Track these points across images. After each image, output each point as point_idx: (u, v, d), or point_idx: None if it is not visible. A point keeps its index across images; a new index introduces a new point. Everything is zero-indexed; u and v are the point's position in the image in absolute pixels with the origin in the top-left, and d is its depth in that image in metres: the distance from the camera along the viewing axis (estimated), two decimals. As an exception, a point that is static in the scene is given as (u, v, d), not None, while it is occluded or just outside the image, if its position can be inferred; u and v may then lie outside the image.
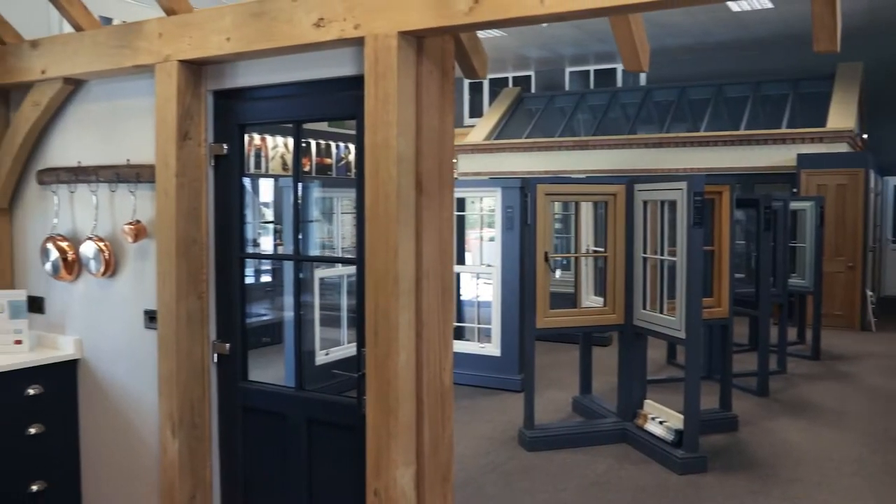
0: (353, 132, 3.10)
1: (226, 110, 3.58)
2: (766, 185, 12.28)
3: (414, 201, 2.96)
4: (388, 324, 2.91)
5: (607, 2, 2.43)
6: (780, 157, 12.25)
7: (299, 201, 3.49)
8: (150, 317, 3.75)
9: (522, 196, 7.24)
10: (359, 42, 2.95)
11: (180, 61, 3.44)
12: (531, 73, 18.10)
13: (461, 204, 9.35)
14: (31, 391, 3.96)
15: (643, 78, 16.08)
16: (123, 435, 3.96)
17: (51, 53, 3.88)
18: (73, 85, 3.97)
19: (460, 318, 9.29)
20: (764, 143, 12.50)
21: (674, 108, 14.49)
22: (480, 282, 8.50)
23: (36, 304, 4.27)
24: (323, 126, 13.56)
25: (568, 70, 17.74)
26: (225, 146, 3.59)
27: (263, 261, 7.80)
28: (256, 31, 3.18)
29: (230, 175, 3.60)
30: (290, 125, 3.46)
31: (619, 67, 17.08)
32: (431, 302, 3.04)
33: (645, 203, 5.73)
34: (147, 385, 3.76)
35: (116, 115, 3.88)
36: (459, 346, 7.93)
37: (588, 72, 17.55)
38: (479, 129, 15.82)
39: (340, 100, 3.18)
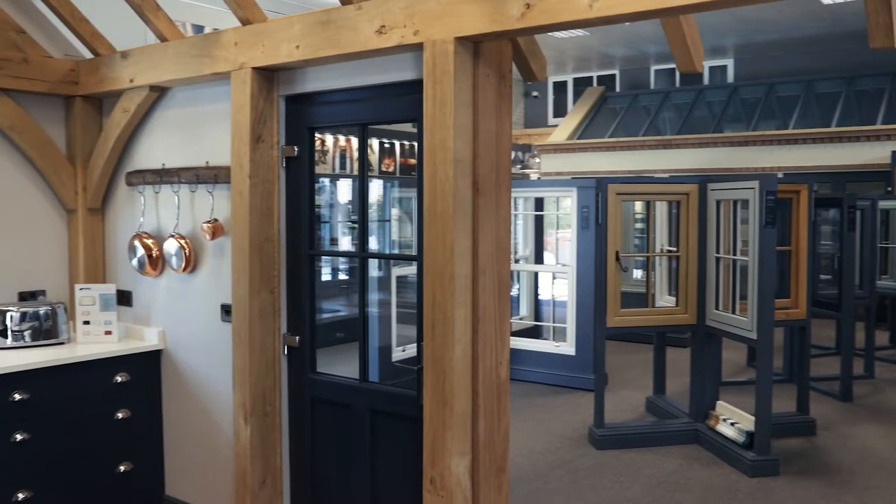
0: None
1: (296, 114, 3.76)
2: (859, 184, 11.90)
3: (470, 201, 3.06)
4: (445, 319, 3.02)
5: (655, 4, 2.48)
6: (874, 154, 11.84)
7: (366, 201, 3.62)
8: (227, 310, 3.96)
9: (596, 196, 7.25)
10: (418, 48, 3.06)
11: (254, 68, 3.62)
12: (616, 71, 17.95)
13: (539, 204, 9.40)
14: (119, 378, 4.23)
15: (730, 75, 15.77)
16: (202, 421, 4.19)
17: (138, 63, 4.14)
18: (159, 92, 4.22)
19: (538, 318, 9.34)
20: (857, 140, 12.10)
21: (761, 105, 14.16)
22: (557, 281, 8.54)
23: (124, 298, 4.55)
24: (407, 127, 13.81)
25: (653, 68, 17.51)
26: (296, 148, 3.76)
27: (341, 259, 8.01)
28: (323, 38, 3.33)
29: (300, 176, 3.78)
30: (358, 126, 3.61)
31: (707, 64, 16.78)
32: (488, 298, 3.14)
33: (718, 203, 5.68)
34: (223, 375, 3.98)
35: (197, 119, 4.11)
36: (535, 345, 8.00)
37: (674, 70, 17.28)
38: (562, 129, 15.78)
39: (402, 103, 3.30)
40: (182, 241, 4.18)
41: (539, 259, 9.58)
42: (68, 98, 4.54)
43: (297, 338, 3.82)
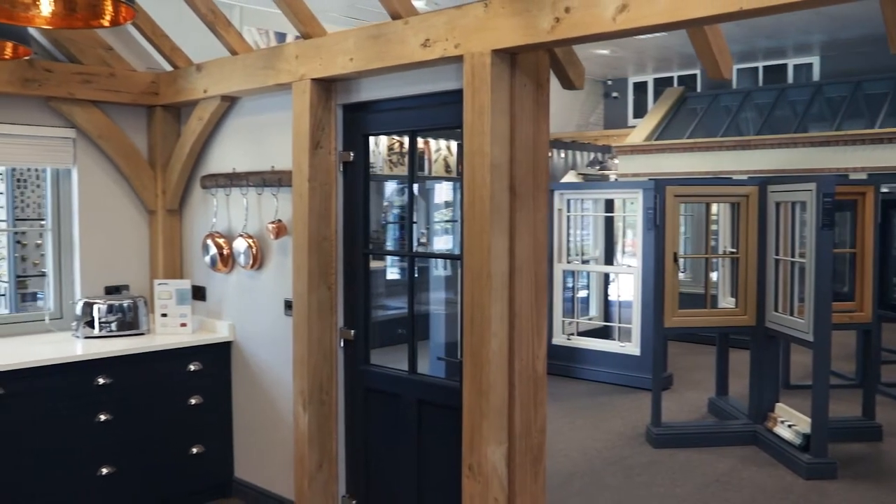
0: None
1: (352, 121, 4.01)
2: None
3: (508, 204, 3.24)
4: (482, 314, 3.21)
5: (673, 17, 2.61)
6: (967, 154, 11.45)
7: (415, 203, 3.85)
8: (289, 305, 4.23)
9: (654, 198, 7.31)
10: (459, 59, 3.26)
11: (313, 79, 3.89)
12: (697, 71, 17.75)
13: (609, 205, 9.46)
14: (192, 367, 4.56)
15: (815, 72, 15.42)
16: (266, 409, 4.49)
17: (211, 75, 4.46)
18: (229, 102, 4.54)
19: (607, 318, 9.41)
20: (951, 139, 11.71)
21: (847, 103, 13.81)
22: (622, 282, 8.61)
23: (199, 293, 4.89)
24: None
25: (735, 67, 17.24)
26: (352, 153, 4.01)
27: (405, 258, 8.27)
28: (374, 51, 3.56)
29: (356, 179, 4.03)
30: (408, 133, 3.83)
31: (791, 62, 16.45)
32: (524, 296, 3.31)
33: (777, 205, 5.70)
34: (285, 365, 4.25)
35: (263, 127, 4.41)
36: (601, 345, 8.08)
37: (756, 68, 16.99)
38: (640, 130, 15.71)
39: (447, 111, 3.50)
40: (250, 241, 4.49)
41: (609, 260, 9.64)
42: (150, 108, 4.91)
43: (353, 331, 4.07)
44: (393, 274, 8.31)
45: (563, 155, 15.83)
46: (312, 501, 4.05)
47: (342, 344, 4.11)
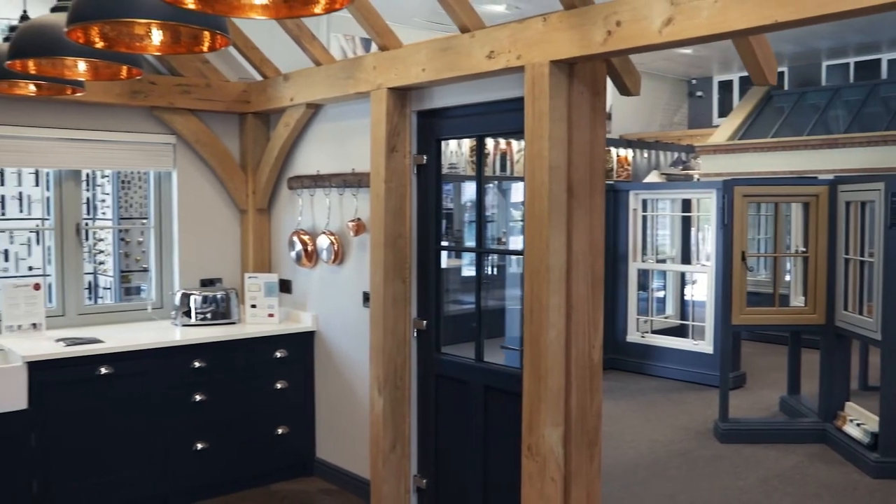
0: None
1: (426, 127, 4.31)
2: None
3: (565, 203, 3.48)
4: (540, 305, 3.46)
5: (713, 30, 2.81)
6: None
7: (492, 202, 4.12)
8: (367, 297, 4.56)
9: (722, 198, 7.38)
10: (521, 69, 3.52)
11: (389, 88, 4.21)
12: (784, 69, 17.46)
13: (687, 205, 9.53)
14: (278, 354, 4.94)
15: (914, 67, 15.00)
16: (345, 394, 4.84)
17: (297, 84, 4.84)
18: (314, 109, 4.91)
19: (683, 316, 9.48)
20: None
21: (945, 99, 13.42)
22: (696, 280, 8.69)
23: (285, 286, 5.28)
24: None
25: (825, 64, 16.90)
26: (425, 157, 4.32)
27: (486, 256, 8.54)
28: (444, 62, 3.86)
29: (429, 180, 4.33)
30: (476, 138, 4.11)
31: (885, 57, 16.04)
32: (581, 289, 3.55)
33: (847, 204, 5.75)
34: (363, 353, 4.59)
35: (344, 132, 4.76)
36: (674, 343, 8.19)
37: (847, 64, 16.62)
38: (723, 130, 15.57)
39: (511, 117, 3.77)
40: (332, 237, 4.84)
41: (686, 259, 9.71)
42: (242, 115, 5.33)
43: (425, 322, 4.38)
44: (470, 271, 8.60)
45: (645, 155, 15.84)
46: (386, 480, 4.37)
47: (415, 333, 4.41)
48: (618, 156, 13.01)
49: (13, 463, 4.07)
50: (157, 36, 2.26)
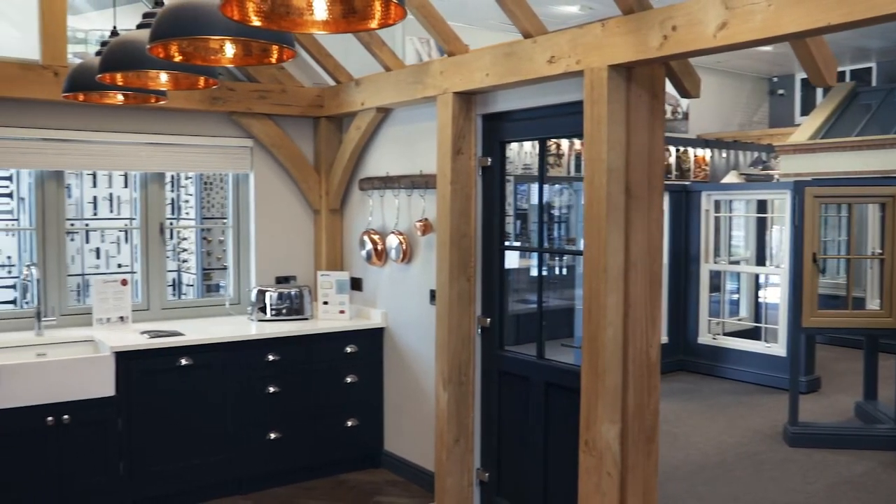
0: (675, 135, 3.73)
1: (490, 130, 4.43)
2: None
3: (623, 204, 3.55)
4: (598, 304, 3.55)
5: (767, 33, 2.85)
6: None
7: (544, 202, 4.21)
8: (433, 295, 4.71)
9: (793, 198, 7.28)
10: (580, 74, 3.61)
11: (454, 93, 4.34)
12: (872, 64, 16.93)
13: (762, 206, 9.39)
14: (348, 349, 5.13)
15: None
16: (412, 388, 4.99)
17: (368, 89, 5.02)
18: (384, 113, 5.08)
19: (757, 319, 9.35)
20: None
21: None
22: (770, 282, 8.57)
23: (356, 284, 5.47)
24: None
25: (917, 59, 16.33)
26: (489, 159, 4.44)
27: (558, 257, 8.59)
28: (507, 67, 3.97)
29: (493, 182, 4.44)
30: (538, 140, 4.21)
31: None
32: (639, 288, 3.62)
33: (924, 205, 5.63)
34: (429, 349, 4.73)
35: (412, 135, 4.92)
36: (746, 346, 8.10)
37: (942, 59, 16.01)
38: (805, 128, 15.19)
39: (571, 120, 3.85)
40: (400, 237, 5.00)
41: (761, 261, 9.57)
42: (316, 119, 5.55)
43: (489, 319, 4.49)
44: (536, 271, 8.67)
45: (724, 155, 15.62)
46: (450, 472, 4.50)
47: (479, 330, 4.54)
48: (695, 156, 12.87)
49: (102, 445, 4.35)
50: (229, 50, 2.44)
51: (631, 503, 3.65)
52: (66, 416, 4.22)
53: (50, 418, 4.19)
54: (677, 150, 11.23)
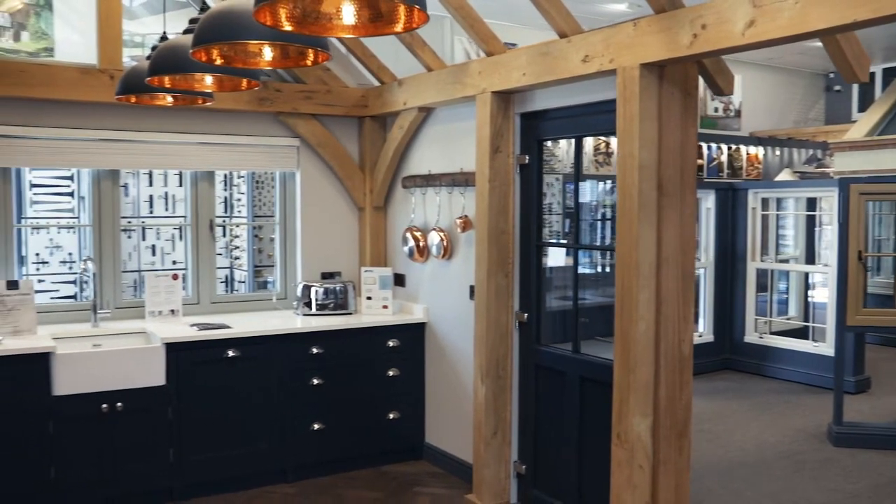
0: (727, 133, 3.79)
1: (528, 128, 4.51)
2: None
3: (655, 201, 3.60)
4: (630, 299, 3.60)
5: (794, 30, 2.88)
6: None
7: (580, 199, 4.27)
8: (473, 291, 4.80)
9: (839, 196, 7.19)
10: (613, 73, 3.67)
11: (493, 92, 4.43)
12: (929, 61, 16.51)
13: (812, 203, 9.28)
14: (391, 343, 5.26)
15: None
16: (453, 382, 5.10)
17: (410, 89, 5.13)
18: (425, 112, 5.19)
19: (805, 318, 9.24)
20: None
21: None
22: (819, 281, 8.48)
23: (399, 279, 5.59)
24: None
25: (980, 53, 15.88)
26: (527, 157, 4.51)
27: (600, 254, 8.61)
28: (543, 67, 4.04)
29: (531, 180, 4.52)
30: (574, 138, 4.28)
31: None
32: (671, 284, 3.66)
33: (973, 203, 5.54)
34: (469, 344, 4.83)
35: (452, 134, 5.02)
36: (794, 345, 8.03)
37: None
38: (861, 125, 14.86)
39: (605, 118, 3.91)
40: (441, 234, 5.11)
41: (810, 260, 9.46)
42: (360, 118, 5.69)
43: (526, 315, 4.57)
44: (581, 268, 8.69)
45: (777, 152, 15.41)
46: (487, 464, 4.60)
47: (517, 325, 4.62)
48: (747, 154, 12.75)
49: (153, 432, 4.54)
50: (268, 53, 2.57)
51: (663, 497, 3.70)
52: (119, 404, 4.42)
53: (104, 405, 4.40)
54: (729, 148, 11.15)
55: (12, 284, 4.64)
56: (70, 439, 4.34)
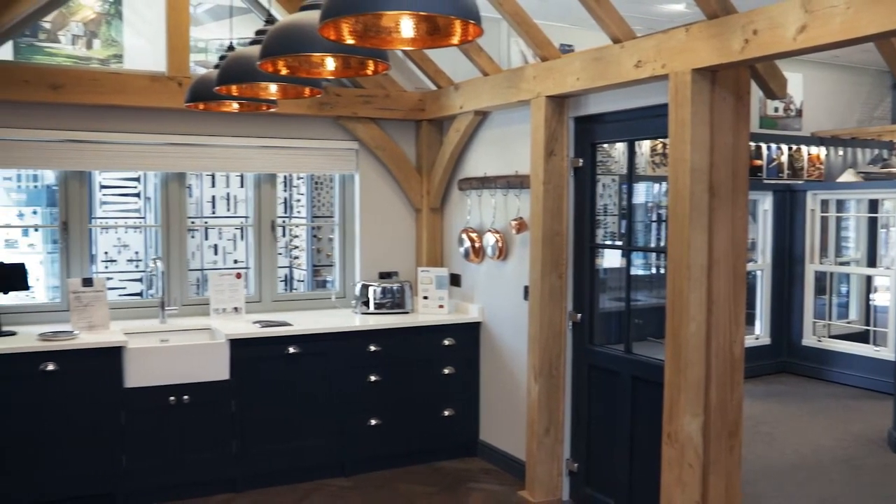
0: (787, 133, 3.83)
1: (582, 132, 4.59)
2: None
3: (707, 204, 3.65)
4: (681, 300, 3.66)
5: (846, 35, 2.91)
6: None
7: (633, 201, 4.33)
8: (527, 291, 4.89)
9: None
10: (666, 77, 3.72)
11: (547, 96, 4.51)
12: None
13: (874, 205, 9.13)
14: (446, 342, 5.37)
15: None
16: (507, 381, 5.19)
17: (466, 93, 5.24)
18: (481, 116, 5.30)
19: (867, 321, 9.09)
20: None
21: None
22: (880, 285, 8.35)
23: (455, 280, 5.71)
24: (753, 127, 13.77)
25: None
26: (581, 160, 4.59)
27: (656, 255, 8.61)
28: (596, 71, 4.12)
29: (584, 182, 4.60)
30: (626, 142, 4.33)
31: None
32: (722, 285, 3.70)
33: None
34: (522, 343, 4.92)
35: (508, 137, 5.12)
36: (853, 348, 7.92)
37: None
38: (926, 124, 14.57)
39: (657, 122, 3.96)
40: (497, 235, 5.21)
41: (872, 262, 9.30)
42: (417, 122, 5.82)
43: (579, 315, 4.65)
44: (636, 269, 8.70)
45: (840, 152, 15.13)
46: (540, 462, 4.68)
47: (570, 325, 4.69)
48: (809, 154, 12.56)
49: (217, 425, 4.73)
50: (330, 64, 2.71)
51: (713, 496, 3.74)
52: (185, 397, 4.62)
53: (172, 398, 4.60)
54: (790, 149, 11.01)
55: (87, 282, 4.88)
56: (140, 429, 4.55)
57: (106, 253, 9.16)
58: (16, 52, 4.96)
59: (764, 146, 14.49)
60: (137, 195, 9.67)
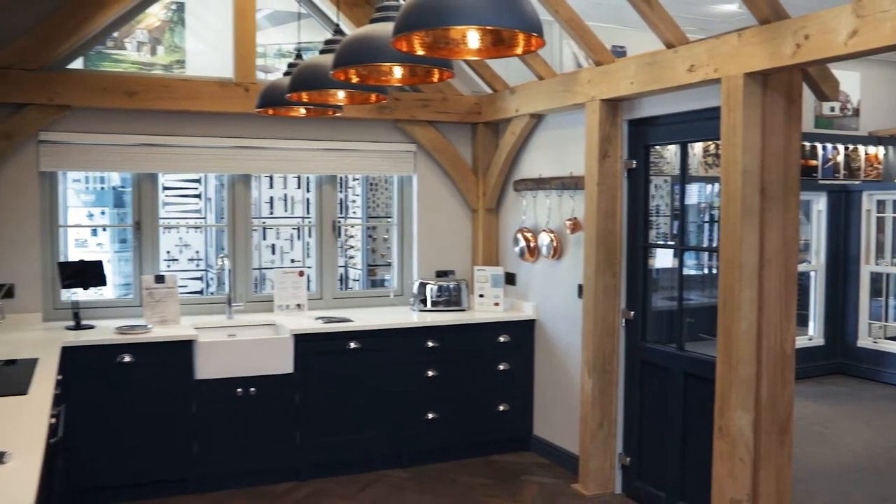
0: (843, 132, 3.92)
1: (636, 134, 4.70)
2: None
3: (758, 205, 3.74)
4: (733, 298, 3.75)
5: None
6: None
7: (686, 202, 4.43)
8: (581, 290, 5.01)
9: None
10: (718, 81, 3.82)
11: (601, 100, 4.63)
12: None
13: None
14: (501, 339, 5.52)
15: None
16: (560, 377, 5.32)
17: (521, 97, 5.39)
18: (536, 118, 5.44)
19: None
20: None
21: None
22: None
23: (510, 278, 5.85)
24: (808, 127, 13.62)
25: None
26: (634, 162, 4.70)
27: (708, 255, 8.63)
28: (649, 76, 4.23)
29: (638, 184, 4.71)
30: (679, 144, 4.44)
31: None
32: (773, 284, 3.79)
33: None
34: (576, 340, 5.04)
35: (562, 139, 5.25)
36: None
37: None
38: None
39: (710, 125, 4.06)
40: (551, 235, 5.34)
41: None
42: (474, 125, 5.98)
43: (633, 312, 4.76)
44: (690, 270, 8.74)
45: (901, 152, 14.84)
46: (593, 456, 4.80)
47: (623, 323, 4.81)
48: (866, 154, 12.41)
49: (282, 416, 4.95)
50: (398, 72, 2.88)
51: (763, 490, 3.83)
52: (252, 389, 4.85)
53: (239, 390, 4.83)
54: (846, 148, 10.91)
55: (159, 279, 5.14)
56: (210, 419, 4.79)
57: (168, 252, 9.50)
58: (86, 60, 5.24)
59: (819, 146, 14.32)
60: (198, 196, 10.01)
